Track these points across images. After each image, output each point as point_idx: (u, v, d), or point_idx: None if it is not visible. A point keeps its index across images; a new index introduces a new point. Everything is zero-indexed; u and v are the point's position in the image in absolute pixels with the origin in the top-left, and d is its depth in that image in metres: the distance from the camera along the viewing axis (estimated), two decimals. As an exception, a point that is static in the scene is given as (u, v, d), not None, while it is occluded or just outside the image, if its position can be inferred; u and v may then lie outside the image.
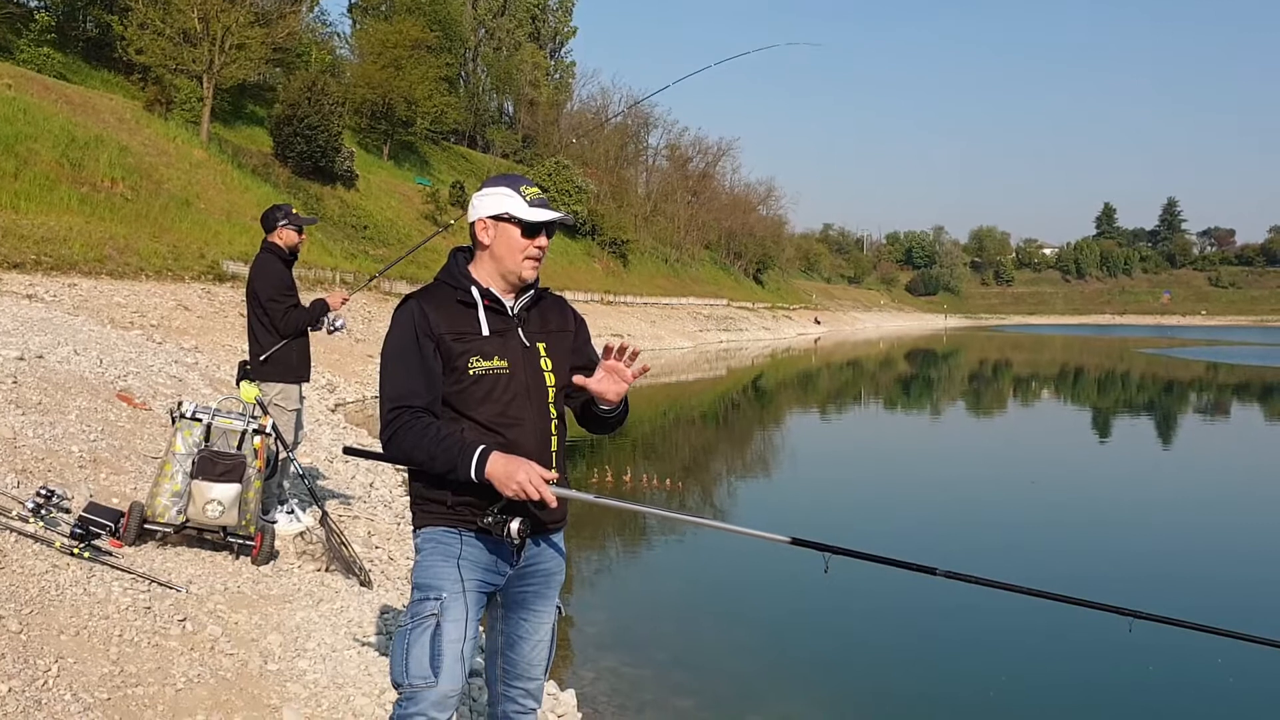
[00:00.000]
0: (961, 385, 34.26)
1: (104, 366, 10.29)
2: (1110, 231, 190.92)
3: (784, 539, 2.94)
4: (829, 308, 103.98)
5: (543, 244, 2.99)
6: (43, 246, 17.68)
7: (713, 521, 4.53)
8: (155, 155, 28.33)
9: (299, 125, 35.47)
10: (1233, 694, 6.31)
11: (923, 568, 2.87)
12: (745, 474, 15.13)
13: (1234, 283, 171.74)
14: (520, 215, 2.95)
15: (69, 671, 3.89)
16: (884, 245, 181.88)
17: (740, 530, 3.25)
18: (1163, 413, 25.00)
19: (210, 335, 16.75)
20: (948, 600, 8.13)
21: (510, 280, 3.00)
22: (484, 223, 2.97)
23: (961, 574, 2.87)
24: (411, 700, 2.81)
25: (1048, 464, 16.02)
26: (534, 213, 2.95)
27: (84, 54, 34.44)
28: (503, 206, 2.96)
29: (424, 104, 48.17)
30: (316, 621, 5.17)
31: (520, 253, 2.96)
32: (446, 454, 2.77)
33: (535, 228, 2.97)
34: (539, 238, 2.98)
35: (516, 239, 2.96)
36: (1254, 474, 15.36)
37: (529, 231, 2.96)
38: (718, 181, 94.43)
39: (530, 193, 2.97)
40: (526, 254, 2.97)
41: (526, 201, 2.95)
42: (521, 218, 2.95)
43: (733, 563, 9.31)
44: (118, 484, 6.59)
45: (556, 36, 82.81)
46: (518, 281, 3.00)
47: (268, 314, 6.45)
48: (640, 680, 6.01)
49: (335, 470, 9.49)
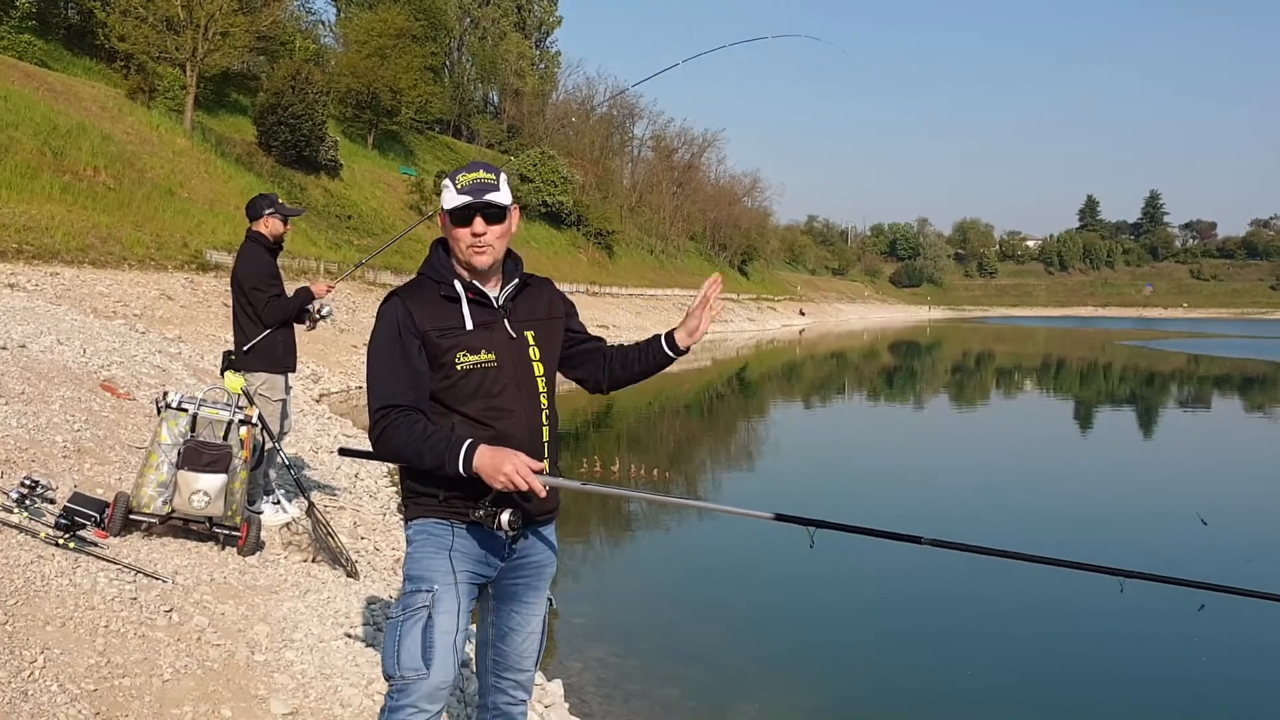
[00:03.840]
0: (944, 377, 34.39)
1: (87, 356, 10.23)
2: (1093, 224, 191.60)
3: (767, 515, 2.96)
4: (813, 299, 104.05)
5: (479, 230, 2.89)
6: (24, 235, 17.55)
7: (698, 502, 4.57)
8: (138, 144, 28.13)
9: (283, 114, 35.25)
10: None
11: (909, 537, 2.88)
12: (729, 463, 15.16)
13: (1215, 275, 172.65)
14: (445, 205, 2.92)
15: (55, 663, 3.87)
16: (868, 237, 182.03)
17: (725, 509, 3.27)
18: (1143, 403, 25.17)
19: (194, 325, 16.68)
20: (932, 580, 8.24)
21: (471, 269, 2.95)
22: (442, 216, 2.97)
23: (947, 541, 2.87)
24: (403, 692, 2.81)
25: (1031, 451, 16.11)
26: (456, 199, 2.89)
27: (65, 41, 34.13)
28: (444, 200, 2.95)
29: (409, 93, 47.96)
30: (303, 612, 5.16)
31: (461, 242, 2.92)
32: (434, 450, 2.76)
33: (459, 214, 2.90)
34: (473, 223, 2.89)
35: (450, 228, 2.94)
36: (1224, 451, 15.51)
37: (456, 219, 2.91)
38: (703, 173, 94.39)
39: (462, 180, 2.90)
40: (467, 242, 2.91)
41: (455, 189, 2.90)
42: (446, 207, 2.92)
43: (717, 551, 9.36)
44: (102, 474, 6.56)
45: (542, 26, 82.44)
46: (475, 270, 2.95)
47: (251, 303, 6.42)
48: (627, 670, 6.04)
49: (321, 461, 9.47)
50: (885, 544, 8.42)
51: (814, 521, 2.84)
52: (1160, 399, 26.78)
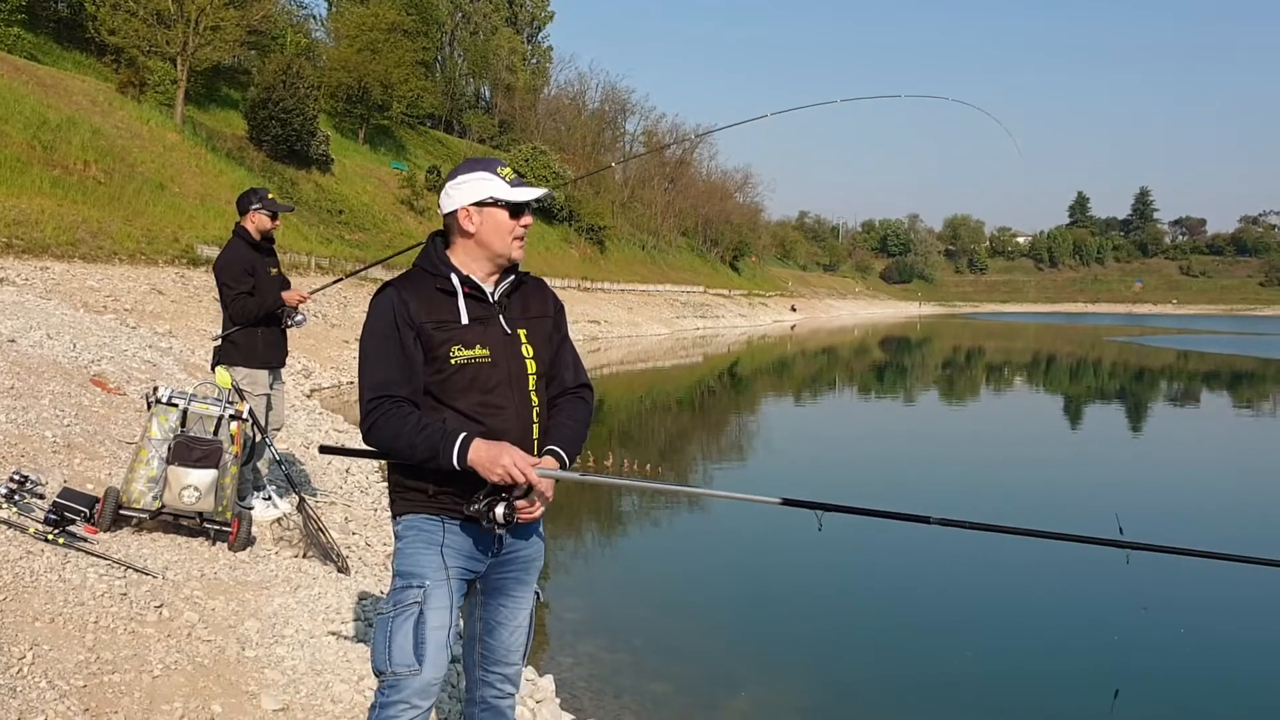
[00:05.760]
0: (934, 372, 34.45)
1: (77, 351, 10.19)
2: (1083, 220, 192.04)
3: (775, 500, 2.94)
4: (805, 295, 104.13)
5: (528, 222, 2.98)
6: (14, 229, 17.46)
7: (704, 490, 4.56)
8: (129, 138, 27.99)
9: (274, 109, 35.13)
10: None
11: (916, 517, 2.86)
12: (721, 458, 15.16)
13: (1205, 272, 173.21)
14: (505, 197, 2.92)
15: (44, 659, 3.86)
16: (859, 233, 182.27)
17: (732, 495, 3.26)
18: (1132, 397, 25.24)
19: (184, 320, 16.63)
20: (925, 571, 8.30)
21: (499, 264, 2.97)
22: (467, 210, 2.93)
23: (955, 520, 2.85)
24: (394, 688, 2.81)
25: (1023, 440, 16.16)
26: (518, 192, 2.92)
27: (55, 35, 33.92)
28: (485, 191, 2.92)
29: (400, 88, 47.83)
30: (294, 608, 5.15)
31: (509, 234, 2.94)
32: (428, 442, 2.75)
33: (521, 207, 2.95)
34: (524, 216, 2.96)
35: (504, 221, 2.94)
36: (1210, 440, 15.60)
37: (515, 212, 2.95)
38: (695, 168, 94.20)
39: (507, 173, 2.95)
40: (514, 235, 2.95)
41: (508, 182, 2.93)
42: (507, 199, 2.92)
43: (708, 545, 9.39)
44: (92, 469, 6.54)
45: (534, 21, 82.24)
46: (507, 264, 2.98)
47: (221, 298, 6.45)
48: (619, 665, 6.05)
49: (312, 456, 9.45)
50: (882, 534, 8.47)
51: (821, 505, 2.82)
52: (1150, 394, 26.86)
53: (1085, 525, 2.90)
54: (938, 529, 2.82)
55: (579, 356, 3.22)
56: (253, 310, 6.40)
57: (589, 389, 3.20)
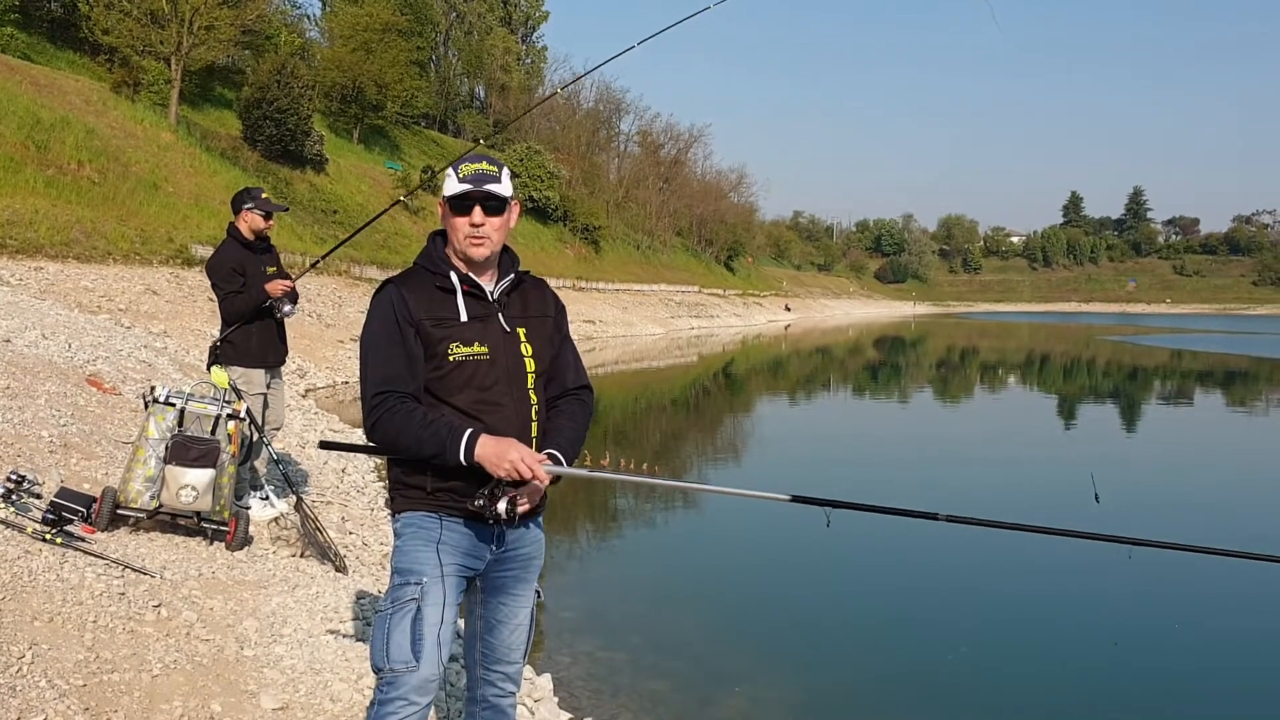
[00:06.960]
0: (929, 372, 34.48)
1: (73, 351, 10.19)
2: (1077, 220, 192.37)
3: (784, 496, 2.96)
4: (799, 295, 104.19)
5: (477, 220, 2.90)
6: (8, 230, 17.42)
7: (713, 486, 4.57)
8: (123, 138, 27.94)
9: (268, 108, 35.06)
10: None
11: (924, 514, 2.88)
12: (720, 458, 15.17)
13: (1198, 271, 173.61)
14: (446, 192, 2.93)
15: (43, 658, 3.86)
16: (853, 233, 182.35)
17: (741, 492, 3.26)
18: (1126, 396, 25.30)
19: (179, 319, 16.61)
20: (923, 571, 8.33)
21: (472, 261, 2.95)
22: (441, 207, 2.98)
23: (963, 517, 2.86)
24: (393, 685, 2.81)
25: (1021, 440, 16.19)
26: (456, 187, 2.90)
27: (49, 34, 33.84)
28: (444, 187, 2.95)
29: (394, 88, 47.77)
30: (292, 607, 5.16)
31: (459, 232, 2.93)
32: (434, 438, 2.76)
33: (459, 203, 2.91)
34: (472, 214, 2.90)
35: (450, 218, 2.95)
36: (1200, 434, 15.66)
37: (455, 208, 2.92)
38: (689, 168, 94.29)
39: (464, 170, 2.91)
40: (465, 232, 2.92)
41: (457, 178, 2.91)
42: (446, 194, 2.93)
43: (705, 544, 9.40)
44: (89, 469, 6.54)
45: (528, 21, 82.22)
46: (480, 261, 2.95)
47: (213, 298, 6.48)
48: (616, 664, 6.05)
49: (309, 456, 9.45)
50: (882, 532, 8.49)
51: (830, 502, 2.83)
52: (1144, 393, 26.92)
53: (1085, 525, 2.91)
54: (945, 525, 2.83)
55: (580, 357, 3.22)
56: (240, 307, 6.42)
57: (589, 390, 3.20)
